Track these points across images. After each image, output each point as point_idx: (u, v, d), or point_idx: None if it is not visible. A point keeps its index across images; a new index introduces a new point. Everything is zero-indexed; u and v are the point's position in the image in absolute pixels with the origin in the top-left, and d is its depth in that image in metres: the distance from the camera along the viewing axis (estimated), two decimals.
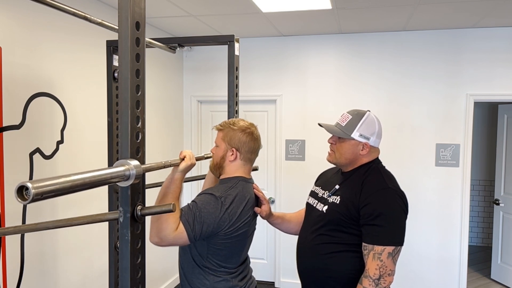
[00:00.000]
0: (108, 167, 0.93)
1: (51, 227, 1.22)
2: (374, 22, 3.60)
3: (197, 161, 1.53)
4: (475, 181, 5.80)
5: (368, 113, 1.70)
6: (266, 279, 4.43)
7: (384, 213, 1.54)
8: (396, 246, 1.54)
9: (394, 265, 1.54)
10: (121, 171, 0.90)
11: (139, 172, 0.94)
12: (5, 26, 2.20)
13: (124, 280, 0.98)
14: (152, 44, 1.92)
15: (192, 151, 1.98)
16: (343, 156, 1.70)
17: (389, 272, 1.52)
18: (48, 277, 2.55)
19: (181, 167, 1.42)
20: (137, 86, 1.00)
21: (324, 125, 1.74)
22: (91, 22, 1.55)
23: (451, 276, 3.88)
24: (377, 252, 1.52)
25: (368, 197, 1.58)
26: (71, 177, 0.75)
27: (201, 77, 4.21)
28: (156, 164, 1.12)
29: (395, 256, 1.54)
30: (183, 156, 1.44)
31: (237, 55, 2.15)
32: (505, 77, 3.71)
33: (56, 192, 0.72)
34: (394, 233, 1.55)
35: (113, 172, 0.88)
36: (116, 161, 0.94)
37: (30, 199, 0.67)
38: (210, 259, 1.57)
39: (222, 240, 1.54)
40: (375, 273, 1.51)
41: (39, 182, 0.68)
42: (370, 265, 1.52)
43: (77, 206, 2.77)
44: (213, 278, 1.57)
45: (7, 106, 2.20)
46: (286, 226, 1.95)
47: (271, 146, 4.35)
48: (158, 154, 3.78)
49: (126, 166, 0.93)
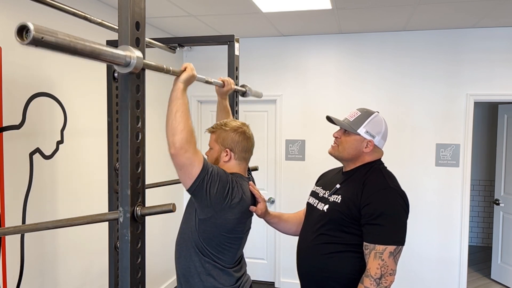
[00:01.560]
0: (113, 47, 0.90)
1: (51, 227, 1.22)
2: (374, 22, 3.60)
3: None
4: (475, 181, 5.80)
5: (376, 113, 1.73)
6: (266, 279, 4.43)
7: (386, 213, 1.55)
8: (398, 245, 1.54)
9: (395, 265, 1.54)
10: (122, 54, 0.89)
11: (139, 63, 0.93)
12: (5, 26, 2.20)
13: (124, 280, 0.98)
14: (152, 44, 1.92)
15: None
16: (346, 150, 1.70)
17: (390, 272, 1.52)
18: (48, 277, 2.55)
19: (182, 77, 1.38)
20: (137, 86, 1.00)
21: (333, 118, 1.75)
22: (91, 22, 1.55)
23: (451, 276, 3.88)
24: (379, 252, 1.52)
25: (370, 196, 1.58)
26: (73, 38, 0.75)
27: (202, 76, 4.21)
28: (156, 64, 1.10)
29: (396, 256, 1.54)
30: (184, 68, 1.41)
31: (237, 55, 2.16)
32: (505, 77, 3.71)
33: (54, 44, 0.70)
34: (396, 233, 1.55)
35: (116, 52, 0.87)
36: (121, 46, 0.92)
37: (28, 40, 0.66)
38: (207, 254, 1.57)
39: (217, 231, 1.55)
40: (376, 272, 1.51)
41: (41, 26, 0.68)
42: (372, 264, 1.52)
43: (77, 206, 2.78)
44: (210, 274, 1.58)
45: (7, 106, 2.20)
46: (283, 226, 1.95)
47: (271, 146, 4.35)
48: (158, 154, 3.78)
49: (129, 52, 0.92)
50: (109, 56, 0.86)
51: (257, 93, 2.35)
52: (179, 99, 1.36)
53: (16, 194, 2.30)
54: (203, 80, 1.63)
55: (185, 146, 1.36)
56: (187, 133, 1.36)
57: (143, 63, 0.95)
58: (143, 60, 0.95)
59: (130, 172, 0.98)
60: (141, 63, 0.94)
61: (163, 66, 1.18)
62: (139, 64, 0.93)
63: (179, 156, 1.37)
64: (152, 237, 3.70)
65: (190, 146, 1.38)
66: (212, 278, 1.58)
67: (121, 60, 0.89)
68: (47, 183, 2.52)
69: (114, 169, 2.28)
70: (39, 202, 2.46)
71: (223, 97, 1.95)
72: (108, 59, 0.86)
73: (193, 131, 1.41)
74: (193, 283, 1.60)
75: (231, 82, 1.92)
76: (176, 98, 1.36)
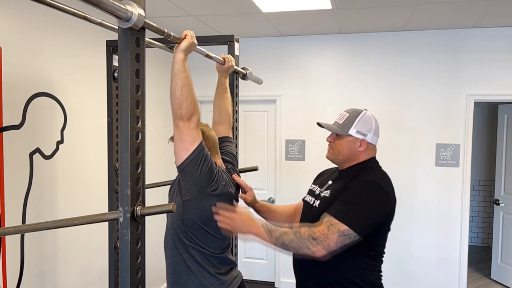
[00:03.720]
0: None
1: (51, 227, 1.22)
2: (374, 22, 3.60)
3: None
4: (475, 181, 5.80)
5: (365, 111, 1.74)
6: (266, 279, 4.43)
7: (357, 197, 1.55)
8: (351, 230, 1.47)
9: (335, 245, 1.47)
10: (123, 9, 0.89)
11: (140, 20, 0.93)
12: (5, 26, 2.20)
13: (124, 280, 0.98)
14: (152, 44, 1.91)
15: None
16: (341, 152, 1.71)
17: (325, 245, 1.46)
18: (48, 277, 2.55)
19: (183, 45, 1.39)
20: (137, 86, 1.00)
21: (323, 123, 1.77)
22: (91, 22, 1.55)
23: (451, 276, 3.88)
24: (331, 223, 1.49)
25: (352, 183, 1.60)
26: None
27: (201, 77, 4.21)
28: (157, 26, 1.10)
29: (342, 239, 1.47)
30: (184, 35, 1.41)
31: (237, 55, 2.16)
32: (505, 77, 3.71)
33: None
34: (356, 218, 1.51)
35: (117, 5, 0.87)
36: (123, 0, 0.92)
37: None
38: (191, 238, 1.58)
39: (201, 212, 1.56)
40: (315, 233, 1.47)
41: None
42: (318, 227, 1.49)
43: (77, 206, 2.77)
44: (195, 260, 1.59)
45: (7, 106, 2.20)
46: (272, 216, 1.95)
47: (271, 146, 4.35)
48: (158, 155, 3.78)
49: (131, 8, 0.91)
50: (112, 7, 0.84)
51: (257, 79, 2.35)
52: (182, 72, 1.40)
53: (16, 194, 2.30)
54: (203, 53, 1.65)
55: (192, 118, 1.45)
56: (193, 107, 1.44)
57: (143, 22, 0.94)
58: (144, 18, 0.94)
59: (130, 172, 0.98)
60: (142, 21, 0.93)
61: (164, 30, 1.17)
62: (140, 21, 0.92)
63: (185, 127, 1.44)
64: (152, 237, 3.70)
65: (195, 119, 1.46)
66: (197, 263, 1.59)
67: (122, 13, 0.89)
68: (47, 183, 2.52)
69: (114, 169, 2.28)
70: (39, 202, 2.45)
71: (223, 75, 1.98)
72: (110, 10, 0.85)
73: (197, 103, 1.47)
74: (180, 269, 1.60)
75: (231, 59, 1.95)
76: (180, 72, 1.40)
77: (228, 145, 1.92)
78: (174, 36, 1.30)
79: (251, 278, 4.43)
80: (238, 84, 2.22)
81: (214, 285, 1.60)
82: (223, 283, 1.63)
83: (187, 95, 1.41)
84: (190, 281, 1.59)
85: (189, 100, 1.42)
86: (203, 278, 1.59)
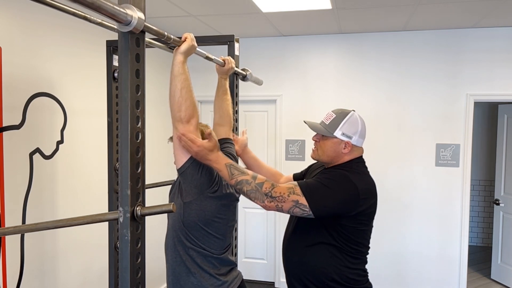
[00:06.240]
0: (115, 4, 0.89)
1: (51, 227, 1.22)
2: (374, 22, 3.60)
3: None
4: (475, 181, 5.80)
5: (352, 112, 1.72)
6: (266, 279, 4.43)
7: (328, 180, 1.57)
8: (308, 204, 1.49)
9: (287, 210, 1.50)
10: (123, 13, 0.89)
11: (140, 24, 0.93)
12: (5, 26, 2.20)
13: (124, 280, 0.98)
14: (152, 44, 1.91)
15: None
16: (325, 153, 1.71)
17: (278, 205, 1.48)
18: (48, 277, 2.55)
19: (182, 48, 1.39)
20: (137, 86, 1.00)
21: (308, 123, 1.76)
22: (91, 22, 1.55)
23: (451, 276, 3.88)
24: (294, 191, 1.50)
25: (331, 171, 1.67)
26: None
27: (201, 77, 4.21)
28: (157, 29, 1.09)
29: (297, 209, 1.50)
30: (184, 38, 1.41)
31: (237, 55, 2.16)
32: (505, 77, 3.71)
33: None
34: (320, 198, 1.52)
35: (117, 9, 0.87)
36: (123, 4, 0.92)
37: None
38: (192, 239, 1.57)
39: (202, 214, 1.56)
40: (275, 193, 1.47)
41: None
42: (280, 188, 1.49)
43: (77, 206, 2.77)
44: (195, 261, 1.58)
45: (7, 106, 2.20)
46: (257, 171, 1.95)
47: (271, 146, 4.35)
48: (158, 155, 3.78)
49: (130, 11, 0.91)
50: (112, 11, 0.84)
51: (257, 80, 2.35)
52: (181, 74, 1.40)
53: (16, 194, 2.30)
54: (204, 55, 1.64)
55: (191, 120, 1.46)
56: (192, 109, 1.45)
57: (143, 26, 0.94)
58: (144, 22, 0.93)
59: (130, 172, 0.98)
60: (142, 24, 0.93)
61: (164, 33, 1.17)
62: (140, 25, 0.92)
63: (184, 129, 1.44)
64: (152, 237, 3.70)
65: (194, 121, 1.47)
66: (197, 265, 1.59)
67: (122, 17, 0.88)
68: (47, 183, 2.52)
69: (114, 169, 2.28)
70: (39, 202, 2.46)
71: (223, 76, 1.98)
72: (110, 13, 0.84)
73: (196, 105, 1.48)
74: (180, 271, 1.60)
75: (231, 61, 1.95)
76: (179, 74, 1.40)
77: (228, 147, 1.92)
78: (174, 39, 1.30)
79: (251, 278, 4.43)
80: (238, 84, 2.22)
81: (214, 285, 1.60)
82: (223, 283, 1.63)
83: (186, 97, 1.41)
84: (190, 282, 1.59)
85: (188, 103, 1.42)
86: (203, 280, 1.59)
